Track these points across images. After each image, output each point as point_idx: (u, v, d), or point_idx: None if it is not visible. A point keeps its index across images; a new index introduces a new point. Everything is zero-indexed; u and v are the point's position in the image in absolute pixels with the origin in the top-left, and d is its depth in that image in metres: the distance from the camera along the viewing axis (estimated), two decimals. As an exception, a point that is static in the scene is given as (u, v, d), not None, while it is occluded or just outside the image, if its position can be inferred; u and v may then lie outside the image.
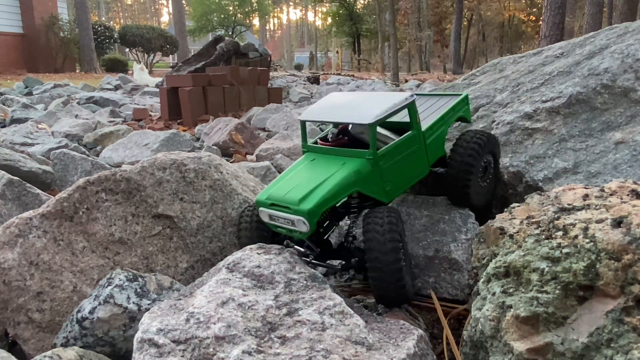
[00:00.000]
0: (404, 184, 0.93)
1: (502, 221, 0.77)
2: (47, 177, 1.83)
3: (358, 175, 0.85)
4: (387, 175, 0.89)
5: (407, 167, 0.92)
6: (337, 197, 0.83)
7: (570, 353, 0.57)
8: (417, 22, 22.36)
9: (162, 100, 4.34)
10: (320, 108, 0.96)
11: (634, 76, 1.14)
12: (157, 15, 52.21)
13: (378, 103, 0.90)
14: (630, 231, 0.58)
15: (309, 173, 0.89)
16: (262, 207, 0.86)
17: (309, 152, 0.96)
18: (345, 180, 0.84)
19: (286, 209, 0.82)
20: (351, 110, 0.91)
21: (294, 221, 0.82)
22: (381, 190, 0.88)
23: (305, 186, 0.84)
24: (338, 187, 0.83)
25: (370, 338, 0.68)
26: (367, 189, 0.87)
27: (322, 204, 0.81)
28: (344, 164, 0.87)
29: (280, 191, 0.85)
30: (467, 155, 0.98)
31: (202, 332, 0.66)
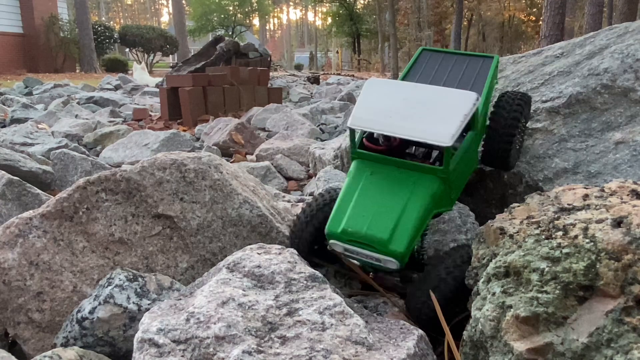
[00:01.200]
0: (463, 184, 0.90)
1: (502, 221, 0.77)
2: (47, 177, 1.83)
3: (435, 199, 0.79)
4: (454, 182, 0.84)
5: (466, 166, 0.89)
6: (422, 229, 0.79)
7: (570, 353, 0.57)
8: (417, 22, 22.36)
9: (162, 100, 4.34)
10: (373, 111, 0.82)
11: (634, 76, 1.14)
12: (157, 15, 52.22)
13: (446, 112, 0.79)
14: (631, 231, 0.58)
15: (379, 197, 0.80)
16: (336, 241, 0.80)
17: (361, 159, 0.85)
18: (427, 209, 0.79)
19: (370, 247, 0.77)
20: (418, 121, 0.79)
21: (382, 260, 0.77)
22: (449, 201, 0.85)
23: (385, 218, 0.77)
24: (422, 219, 0.78)
25: (371, 338, 0.68)
26: (440, 206, 0.82)
27: (411, 242, 0.77)
28: (414, 184, 0.79)
29: (356, 224, 0.78)
30: (510, 118, 0.95)
31: (202, 332, 0.66)
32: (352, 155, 0.86)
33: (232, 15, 23.23)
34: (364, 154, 0.85)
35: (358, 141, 0.87)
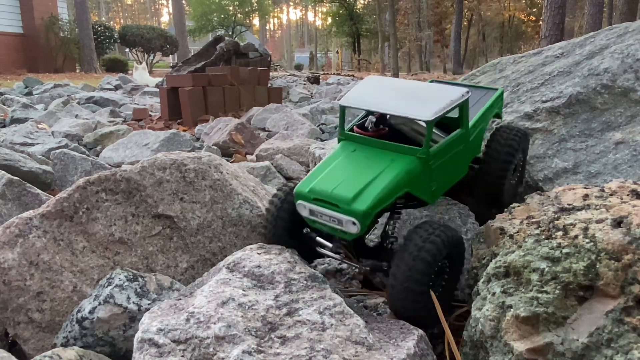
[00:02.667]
0: (447, 184, 0.89)
1: (502, 221, 0.77)
2: (47, 177, 1.83)
3: (410, 175, 0.79)
4: (435, 174, 0.83)
5: (452, 166, 0.88)
6: (390, 199, 0.77)
7: (570, 353, 0.57)
8: (417, 22, 22.36)
9: (162, 100, 4.34)
10: (364, 94, 0.87)
11: (634, 76, 1.14)
12: (157, 15, 52.23)
13: (433, 97, 0.83)
14: (630, 231, 0.58)
15: (354, 167, 0.81)
16: (302, 201, 0.79)
17: (347, 140, 0.87)
18: (398, 180, 0.78)
19: (334, 206, 0.76)
20: (404, 101, 0.83)
21: (343, 221, 0.75)
22: (428, 190, 0.83)
23: (354, 182, 0.77)
24: (391, 187, 0.77)
25: (371, 338, 0.68)
26: (416, 190, 0.81)
27: (376, 205, 0.75)
28: (392, 160, 0.80)
29: (325, 185, 0.78)
30: (504, 153, 0.94)
31: (202, 332, 0.66)
32: (339, 137, 0.89)
33: (232, 15, 23.24)
34: (351, 135, 0.87)
35: (349, 128, 0.89)
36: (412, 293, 0.73)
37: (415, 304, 0.74)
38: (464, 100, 0.85)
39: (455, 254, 0.79)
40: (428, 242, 0.73)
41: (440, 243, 0.74)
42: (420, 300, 0.74)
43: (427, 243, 0.73)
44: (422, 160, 0.79)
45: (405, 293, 0.73)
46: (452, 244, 0.76)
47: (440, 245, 0.74)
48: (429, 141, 0.79)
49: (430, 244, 0.73)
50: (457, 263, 0.81)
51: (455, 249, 0.78)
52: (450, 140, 0.85)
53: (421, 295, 0.73)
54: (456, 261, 0.80)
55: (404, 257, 0.73)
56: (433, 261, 0.73)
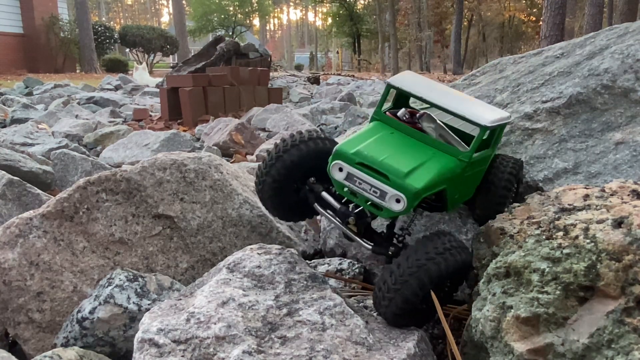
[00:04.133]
0: (462, 199, 0.85)
1: (503, 221, 0.77)
2: (47, 177, 1.83)
3: (451, 173, 0.74)
4: (463, 184, 0.80)
5: (472, 182, 0.85)
6: (437, 187, 0.72)
7: (571, 354, 0.57)
8: (417, 23, 22.36)
9: (162, 101, 4.34)
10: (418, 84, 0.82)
11: (634, 76, 1.14)
12: (157, 16, 52.23)
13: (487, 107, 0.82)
14: (631, 232, 0.58)
15: (399, 146, 0.76)
16: (343, 162, 0.71)
17: (382, 122, 0.81)
18: (444, 172, 0.73)
19: (382, 177, 0.69)
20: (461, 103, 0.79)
21: (387, 195, 0.68)
22: (453, 197, 0.79)
23: (406, 159, 0.72)
24: (440, 175, 0.72)
25: (371, 338, 0.68)
26: (450, 191, 0.77)
27: (429, 187, 0.70)
28: (434, 154, 0.75)
29: (374, 152, 0.72)
30: (502, 187, 0.89)
31: (202, 332, 0.66)
32: (373, 116, 0.83)
33: (232, 16, 23.24)
34: (388, 118, 0.81)
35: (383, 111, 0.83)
36: (401, 297, 0.69)
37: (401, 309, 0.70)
38: (508, 122, 0.85)
39: (460, 276, 0.75)
40: (440, 257, 0.69)
41: (452, 263, 0.70)
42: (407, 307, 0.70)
43: (439, 257, 0.69)
44: (462, 164, 0.76)
45: (394, 294, 0.69)
46: (462, 268, 0.72)
47: (451, 266, 0.69)
48: (476, 147, 0.76)
49: (442, 260, 0.69)
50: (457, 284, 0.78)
51: (462, 272, 0.74)
52: (482, 156, 0.83)
53: (410, 304, 0.69)
54: (457, 283, 0.77)
55: (409, 259, 0.68)
56: (437, 278, 0.69)
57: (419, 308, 0.72)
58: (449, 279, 0.73)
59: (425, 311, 0.74)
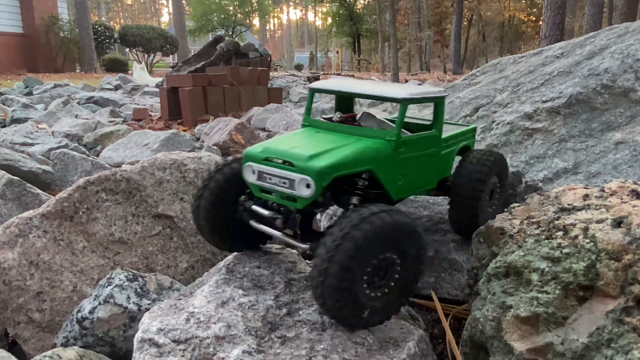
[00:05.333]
0: (414, 186, 0.83)
1: (502, 221, 0.77)
2: (47, 177, 1.83)
3: (376, 153, 0.73)
4: (403, 168, 0.77)
5: (422, 168, 0.82)
6: (351, 168, 0.70)
7: (571, 353, 0.57)
8: (417, 22, 22.36)
9: (162, 100, 4.34)
10: (336, 82, 0.85)
11: (634, 76, 1.14)
12: (157, 15, 52.23)
13: (408, 87, 0.81)
14: (631, 231, 0.58)
15: (317, 139, 0.75)
16: (252, 162, 0.71)
17: (311, 127, 0.83)
18: (362, 152, 0.71)
19: (288, 165, 0.68)
20: (379, 86, 0.81)
21: (295, 182, 0.66)
22: (394, 181, 0.76)
23: (316, 146, 0.71)
24: (353, 155, 0.70)
25: (371, 338, 0.68)
26: (381, 173, 0.74)
27: (336, 167, 0.67)
28: (359, 139, 0.75)
29: (281, 146, 0.71)
30: (474, 179, 0.88)
31: (202, 332, 0.66)
32: (303, 123, 0.84)
33: (232, 15, 23.24)
34: (317, 122, 0.83)
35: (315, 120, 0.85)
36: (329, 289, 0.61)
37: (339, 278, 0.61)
38: (440, 97, 0.83)
39: (405, 246, 0.66)
40: (356, 229, 0.61)
41: (373, 232, 0.61)
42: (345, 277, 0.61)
43: (355, 230, 0.61)
44: (392, 144, 0.74)
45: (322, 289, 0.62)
46: (396, 234, 0.64)
47: (372, 235, 0.61)
48: (401, 124, 0.75)
49: (358, 232, 0.61)
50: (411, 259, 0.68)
51: (404, 240, 0.66)
52: (422, 137, 0.81)
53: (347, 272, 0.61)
54: (408, 256, 0.67)
55: (325, 244, 0.61)
56: (359, 253, 0.61)
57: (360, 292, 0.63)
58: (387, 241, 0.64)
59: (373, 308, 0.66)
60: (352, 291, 0.63)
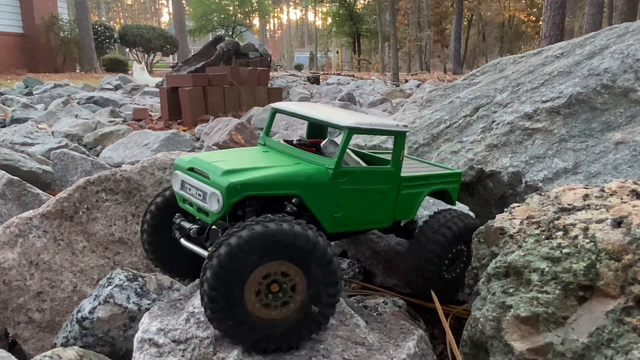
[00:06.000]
0: (357, 222, 0.78)
1: (502, 221, 0.77)
2: (47, 177, 1.83)
3: (307, 179, 0.70)
4: (343, 200, 0.74)
5: (369, 204, 0.78)
6: (270, 189, 0.67)
7: (571, 353, 0.57)
8: (417, 22, 22.36)
9: (162, 100, 4.34)
10: (298, 104, 0.85)
11: (634, 76, 1.14)
12: (157, 15, 52.22)
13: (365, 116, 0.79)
14: (631, 231, 0.58)
15: (253, 156, 0.75)
16: (179, 171, 0.71)
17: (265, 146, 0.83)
18: (289, 176, 0.69)
19: (205, 177, 0.67)
20: (332, 113, 0.79)
21: (207, 195, 0.65)
22: (328, 212, 0.73)
23: (242, 163, 0.69)
24: (278, 177, 0.68)
25: (371, 338, 0.68)
26: (311, 201, 0.70)
27: (249, 185, 0.65)
28: (297, 163, 0.73)
29: (210, 158, 0.70)
30: (434, 242, 0.83)
31: (202, 332, 0.66)
32: (259, 142, 0.84)
33: (232, 15, 23.24)
34: (271, 142, 0.82)
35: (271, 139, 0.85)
36: (205, 297, 0.60)
37: (213, 312, 0.60)
38: (397, 131, 0.78)
39: (301, 258, 0.62)
40: (233, 236, 0.59)
41: (248, 238, 0.59)
42: (219, 308, 0.60)
43: (231, 237, 0.59)
44: (330, 172, 0.71)
45: (201, 296, 0.61)
46: (280, 242, 0.60)
47: (246, 242, 0.58)
48: (343, 151, 0.72)
49: (234, 239, 0.58)
50: (315, 274, 0.63)
51: (296, 251, 0.61)
52: (370, 170, 0.78)
53: (217, 302, 0.60)
54: (311, 271, 0.62)
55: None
56: (233, 261, 0.58)
57: (249, 306, 0.61)
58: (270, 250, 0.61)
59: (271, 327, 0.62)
60: (232, 303, 0.59)
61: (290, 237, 0.60)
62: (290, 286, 0.62)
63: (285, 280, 0.62)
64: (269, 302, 0.62)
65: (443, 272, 0.86)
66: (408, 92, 6.41)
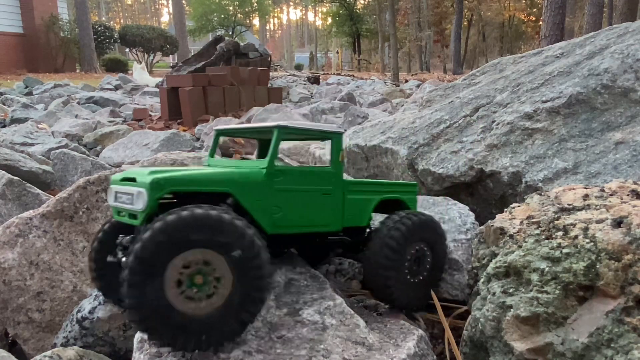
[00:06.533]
0: (300, 223, 0.76)
1: (502, 221, 0.77)
2: (47, 177, 1.83)
3: (239, 178, 0.69)
4: (281, 200, 0.73)
5: (311, 206, 0.77)
6: (197, 185, 0.66)
7: (571, 353, 0.57)
8: (417, 22, 22.37)
9: (162, 100, 4.34)
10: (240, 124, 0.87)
11: (634, 76, 1.14)
12: (157, 15, 52.23)
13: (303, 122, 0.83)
14: (631, 231, 0.58)
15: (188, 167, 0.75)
16: (113, 184, 0.71)
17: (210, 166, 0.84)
18: (223, 174, 0.69)
19: (133, 181, 0.67)
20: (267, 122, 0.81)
21: (134, 195, 0.64)
22: (266, 213, 0.72)
23: (174, 169, 0.69)
24: (206, 175, 0.67)
25: (371, 338, 0.68)
26: (246, 200, 0.69)
27: (173, 181, 0.64)
28: (231, 167, 0.75)
29: (144, 168, 0.70)
30: (384, 245, 0.80)
31: (202, 332, 0.66)
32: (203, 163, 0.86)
33: (232, 15, 23.25)
34: (215, 161, 0.85)
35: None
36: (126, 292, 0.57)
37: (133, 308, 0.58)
38: (330, 132, 0.79)
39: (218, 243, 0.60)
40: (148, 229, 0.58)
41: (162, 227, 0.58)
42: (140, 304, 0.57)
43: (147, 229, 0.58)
44: (263, 172, 0.71)
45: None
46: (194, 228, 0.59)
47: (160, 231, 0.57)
48: (275, 150, 0.73)
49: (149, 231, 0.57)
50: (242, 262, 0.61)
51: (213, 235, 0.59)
52: (307, 170, 0.78)
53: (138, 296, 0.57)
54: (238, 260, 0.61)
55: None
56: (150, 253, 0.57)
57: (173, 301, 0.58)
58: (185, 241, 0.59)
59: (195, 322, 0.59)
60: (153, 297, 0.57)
61: (207, 222, 0.59)
62: (214, 277, 0.60)
63: (209, 270, 0.60)
64: (193, 294, 0.59)
65: (406, 276, 0.82)
66: (408, 92, 6.41)
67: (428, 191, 1.23)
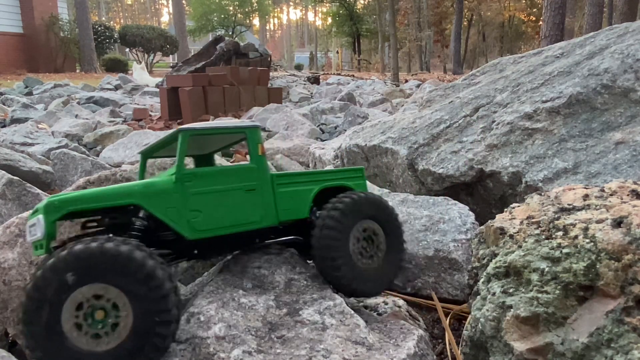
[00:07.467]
0: (224, 224, 0.74)
1: (502, 221, 0.77)
2: (47, 177, 1.83)
3: (145, 188, 0.68)
4: (199, 203, 0.71)
5: (234, 205, 0.74)
6: (97, 201, 0.65)
7: (571, 353, 0.57)
8: (417, 22, 22.38)
9: (162, 100, 4.34)
10: None
11: (634, 76, 1.14)
12: (157, 15, 52.24)
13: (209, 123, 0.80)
14: (631, 231, 0.58)
15: None
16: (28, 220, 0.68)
17: None
18: (122, 187, 0.67)
19: (35, 212, 0.65)
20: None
21: (35, 225, 0.63)
22: (183, 219, 0.70)
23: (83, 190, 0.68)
24: (106, 190, 0.66)
25: (371, 338, 0.68)
26: (158, 210, 0.68)
27: (69, 201, 0.63)
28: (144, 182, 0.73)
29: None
30: (324, 226, 0.77)
31: (202, 332, 0.66)
32: None
33: (232, 15, 23.25)
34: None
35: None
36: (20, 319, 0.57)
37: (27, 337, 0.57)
38: (243, 127, 0.78)
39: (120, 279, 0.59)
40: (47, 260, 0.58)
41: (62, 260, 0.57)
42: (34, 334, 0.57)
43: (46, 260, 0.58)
44: (175, 179, 0.70)
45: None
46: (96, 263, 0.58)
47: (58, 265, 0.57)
48: (182, 156, 0.71)
49: (46, 261, 0.58)
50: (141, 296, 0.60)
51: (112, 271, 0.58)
52: (223, 169, 0.76)
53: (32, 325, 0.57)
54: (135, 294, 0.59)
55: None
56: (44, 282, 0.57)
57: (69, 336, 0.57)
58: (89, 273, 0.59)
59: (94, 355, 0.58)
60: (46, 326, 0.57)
61: (91, 257, 0.58)
62: (111, 305, 0.59)
63: (102, 303, 0.59)
64: (97, 330, 0.58)
65: (356, 258, 0.79)
66: (408, 92, 6.41)
67: (428, 191, 1.23)
